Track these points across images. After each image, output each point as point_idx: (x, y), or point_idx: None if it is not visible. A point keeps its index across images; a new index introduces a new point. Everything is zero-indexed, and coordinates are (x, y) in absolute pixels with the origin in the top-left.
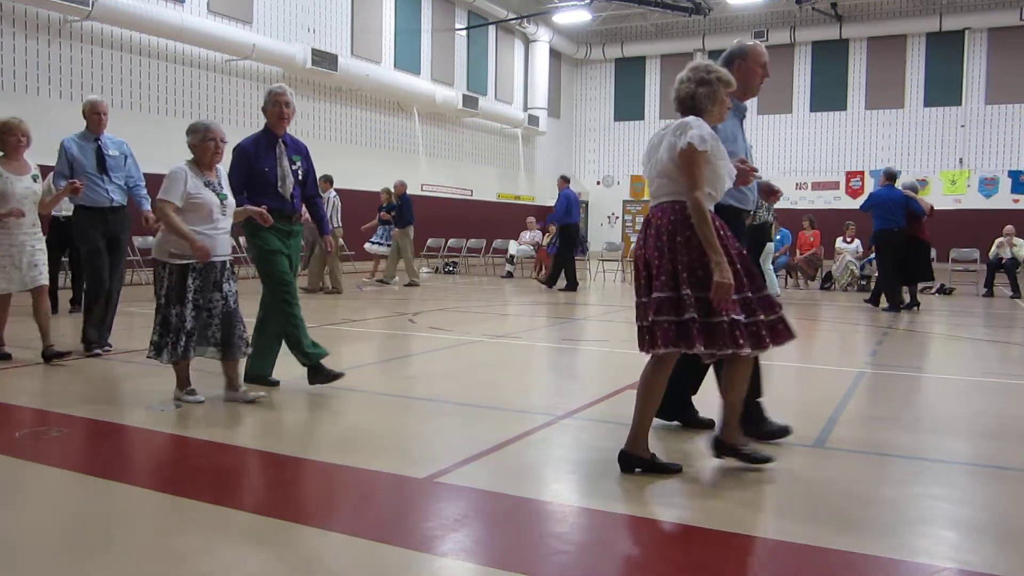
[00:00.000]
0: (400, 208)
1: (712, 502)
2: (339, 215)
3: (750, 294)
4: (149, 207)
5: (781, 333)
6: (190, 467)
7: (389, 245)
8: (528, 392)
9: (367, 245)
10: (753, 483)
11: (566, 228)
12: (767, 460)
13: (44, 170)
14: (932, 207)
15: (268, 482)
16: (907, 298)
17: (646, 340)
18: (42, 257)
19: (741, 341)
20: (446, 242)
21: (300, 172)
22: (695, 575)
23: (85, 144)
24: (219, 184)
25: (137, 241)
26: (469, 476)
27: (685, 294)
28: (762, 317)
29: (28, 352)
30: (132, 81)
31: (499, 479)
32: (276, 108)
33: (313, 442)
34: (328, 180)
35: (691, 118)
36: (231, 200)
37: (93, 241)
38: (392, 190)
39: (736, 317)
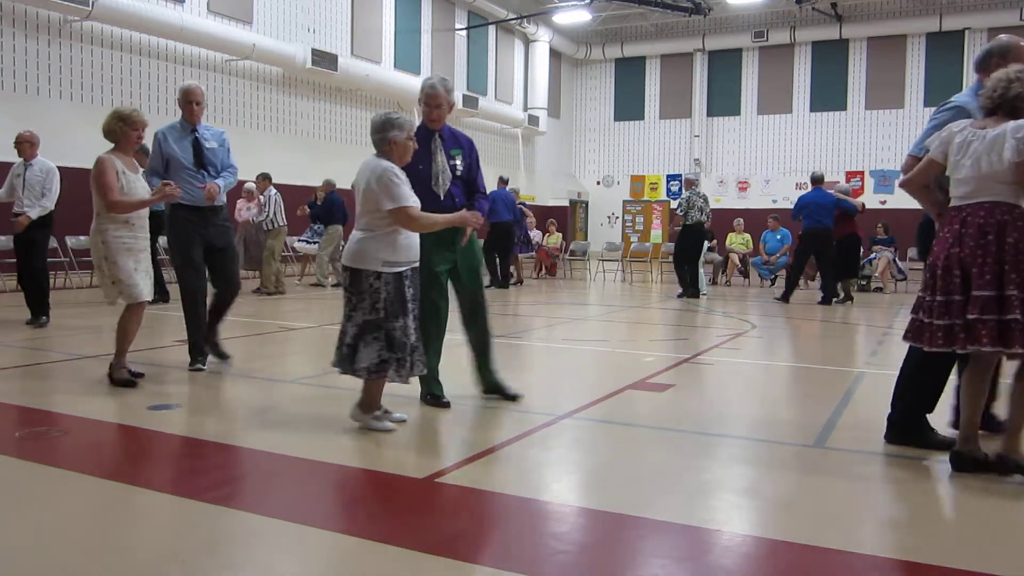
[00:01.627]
0: (324, 208)
1: (710, 501)
2: (283, 213)
3: None
4: (224, 185)
5: None
6: (188, 467)
7: (318, 243)
8: (528, 392)
9: (296, 243)
10: (752, 483)
11: (494, 227)
12: None
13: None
14: (863, 204)
15: (267, 481)
16: (841, 292)
17: (960, 337)
18: (150, 267)
19: None
20: None
21: (460, 167)
22: (694, 573)
23: (182, 136)
24: None
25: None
26: (469, 476)
27: (1011, 294)
28: None
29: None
30: (132, 81)
31: (499, 479)
32: (427, 110)
33: (313, 442)
34: (267, 178)
35: None
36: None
37: (188, 245)
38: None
39: None
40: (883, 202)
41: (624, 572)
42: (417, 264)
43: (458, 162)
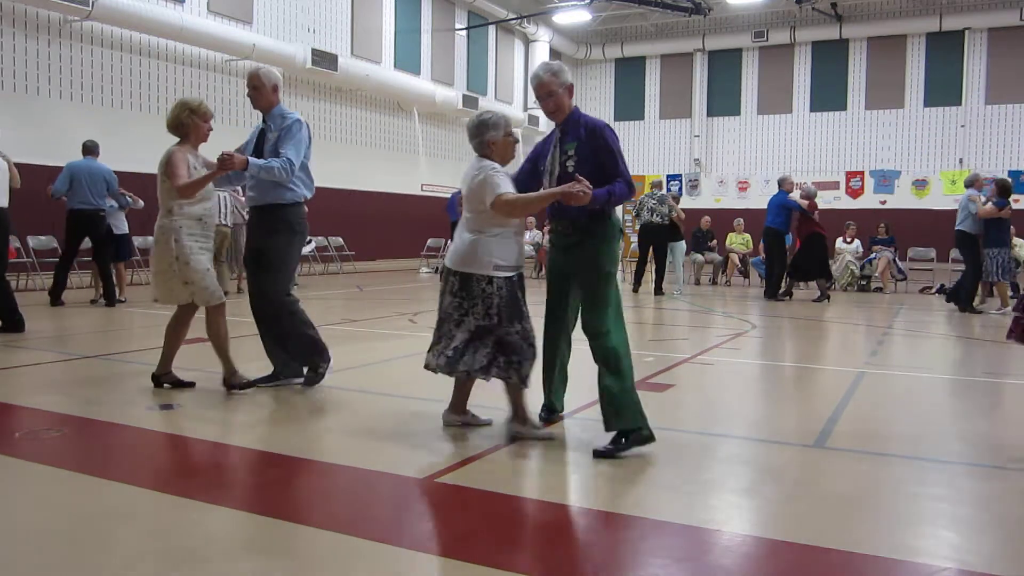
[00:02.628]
0: None
1: (710, 501)
2: (232, 214)
3: None
4: (259, 165)
5: None
6: (188, 466)
7: None
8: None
9: None
10: (752, 483)
11: None
12: None
13: (41, 170)
14: (811, 204)
15: (268, 481)
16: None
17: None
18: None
19: None
20: (446, 242)
21: (573, 164)
22: (694, 573)
23: (256, 129)
24: None
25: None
26: (469, 476)
27: None
28: None
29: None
30: (132, 81)
31: (499, 479)
32: (540, 104)
33: (313, 442)
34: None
35: None
36: None
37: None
38: None
39: None
40: (883, 202)
41: (624, 572)
42: (523, 268)
43: (569, 157)
